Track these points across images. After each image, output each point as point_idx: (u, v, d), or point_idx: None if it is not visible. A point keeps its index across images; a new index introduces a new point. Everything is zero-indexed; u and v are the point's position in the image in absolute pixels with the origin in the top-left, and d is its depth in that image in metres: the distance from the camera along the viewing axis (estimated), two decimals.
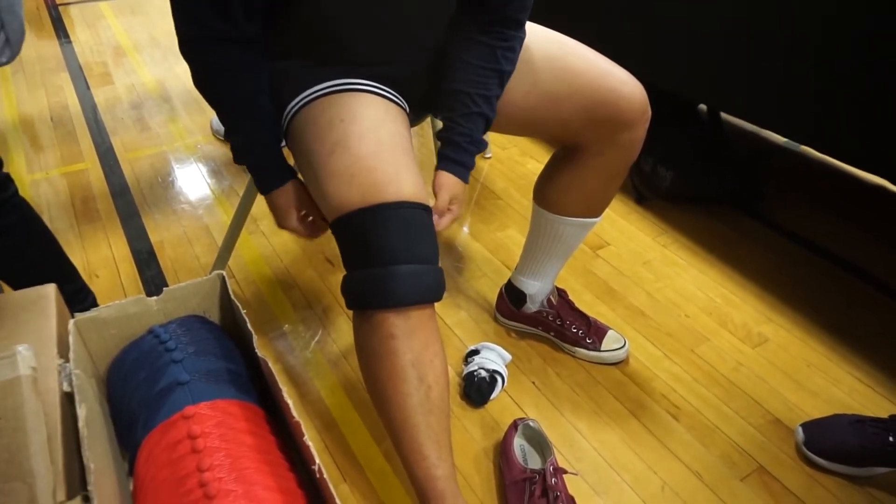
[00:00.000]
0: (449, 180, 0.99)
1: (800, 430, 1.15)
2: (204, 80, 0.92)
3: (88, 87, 2.42)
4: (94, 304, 1.27)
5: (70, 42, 2.85)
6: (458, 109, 0.99)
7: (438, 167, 1.00)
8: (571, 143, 1.11)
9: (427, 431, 0.84)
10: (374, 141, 0.85)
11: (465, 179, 1.01)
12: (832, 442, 1.11)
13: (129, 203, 1.77)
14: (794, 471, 1.11)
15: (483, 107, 0.98)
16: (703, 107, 1.93)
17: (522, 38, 1.01)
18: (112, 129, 2.13)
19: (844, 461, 1.09)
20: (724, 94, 1.49)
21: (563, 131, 1.07)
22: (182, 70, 2.60)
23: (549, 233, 1.20)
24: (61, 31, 2.99)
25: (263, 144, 0.95)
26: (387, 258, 0.82)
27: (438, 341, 0.87)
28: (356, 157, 0.84)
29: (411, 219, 0.83)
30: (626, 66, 1.04)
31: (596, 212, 1.17)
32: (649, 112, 1.06)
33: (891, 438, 1.05)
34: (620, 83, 1.02)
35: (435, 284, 0.85)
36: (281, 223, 0.99)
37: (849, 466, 1.10)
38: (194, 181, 1.88)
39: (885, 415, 1.12)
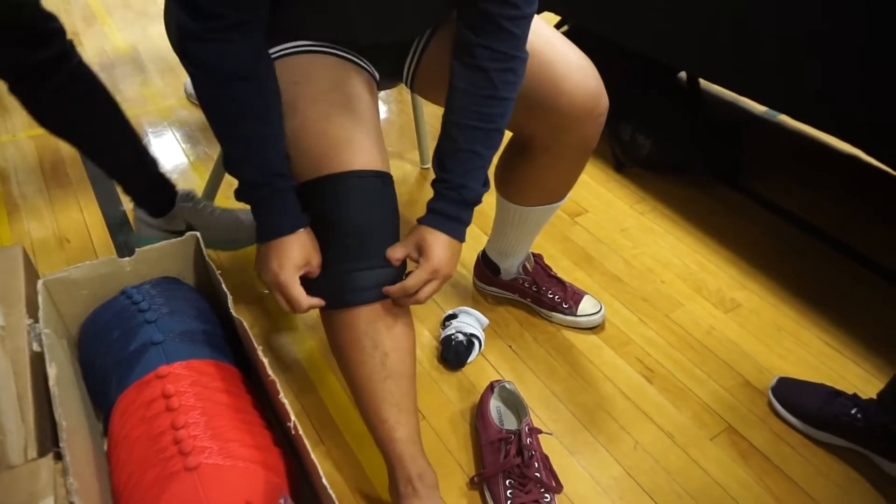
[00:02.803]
0: (420, 235, 0.85)
1: (776, 379, 1.19)
2: (210, 89, 0.78)
3: None
4: (158, 172, 1.27)
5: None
6: (445, 146, 0.86)
7: (418, 220, 0.87)
8: (519, 135, 1.04)
9: (384, 395, 0.84)
10: (328, 103, 0.82)
11: (446, 231, 0.85)
12: (798, 398, 1.14)
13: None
14: (761, 430, 1.14)
15: (472, 142, 0.84)
16: (682, 75, 1.93)
17: (524, 59, 0.86)
18: None
19: (801, 417, 1.13)
20: (707, 62, 1.48)
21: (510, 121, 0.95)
22: (155, 32, 2.52)
23: (515, 219, 1.18)
24: None
25: (278, 175, 0.80)
26: (343, 255, 0.80)
27: (401, 312, 0.87)
28: (305, 121, 0.81)
29: (364, 191, 0.80)
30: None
31: (558, 197, 1.14)
32: (603, 106, 0.97)
33: (853, 411, 1.07)
34: (567, 74, 0.92)
35: (391, 284, 0.83)
36: (278, 275, 0.80)
37: (805, 424, 1.13)
38: (169, 146, 1.84)
39: (855, 381, 1.16)
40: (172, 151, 1.82)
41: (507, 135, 1.05)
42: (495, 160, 1.09)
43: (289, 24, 0.87)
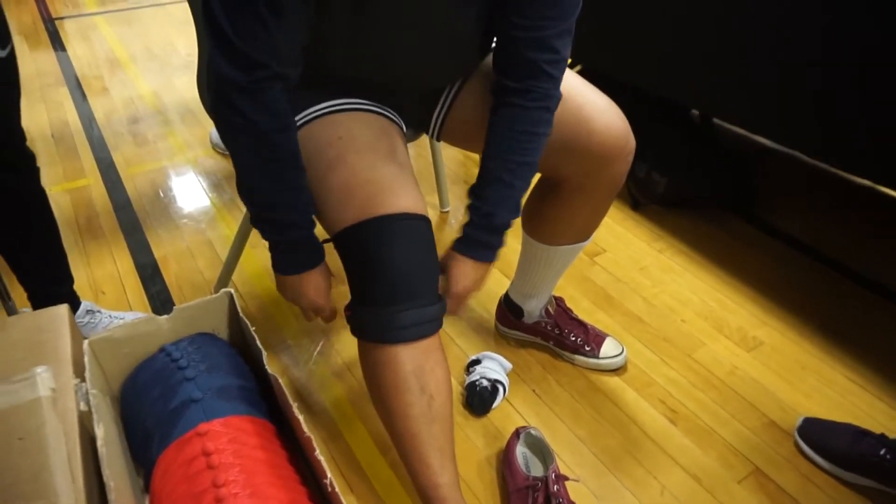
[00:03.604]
0: (446, 262, 0.94)
1: (802, 419, 1.19)
2: (251, 137, 0.83)
3: (87, 102, 2.45)
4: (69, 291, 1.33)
5: (67, 56, 2.87)
6: (480, 176, 0.93)
7: (459, 241, 0.95)
8: (552, 176, 1.09)
9: (430, 440, 0.87)
10: (372, 156, 0.87)
11: (474, 256, 0.94)
12: (825, 438, 1.14)
13: (131, 218, 1.79)
14: (789, 472, 1.15)
15: (503, 173, 0.91)
16: (695, 111, 1.97)
17: (558, 98, 0.93)
18: (113, 145, 2.16)
19: (829, 458, 1.13)
20: (716, 100, 1.52)
21: (542, 163, 1.02)
22: (179, 82, 2.62)
23: (541, 259, 1.21)
24: (58, 45, 3.01)
25: (302, 220, 0.88)
26: (389, 296, 0.83)
27: (440, 350, 0.90)
28: (354, 171, 0.86)
29: (410, 232, 0.84)
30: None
31: (585, 236, 1.18)
32: (631, 146, 1.03)
33: (882, 452, 1.07)
34: (596, 117, 0.98)
35: (436, 320, 0.88)
36: (300, 300, 0.95)
37: (833, 465, 1.13)
38: (195, 195, 1.91)
39: (881, 419, 1.16)
40: (199, 200, 1.88)
41: (536, 176, 1.11)
42: (523, 200, 1.15)
43: (330, 74, 0.93)
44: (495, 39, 0.93)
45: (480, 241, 0.94)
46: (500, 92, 0.93)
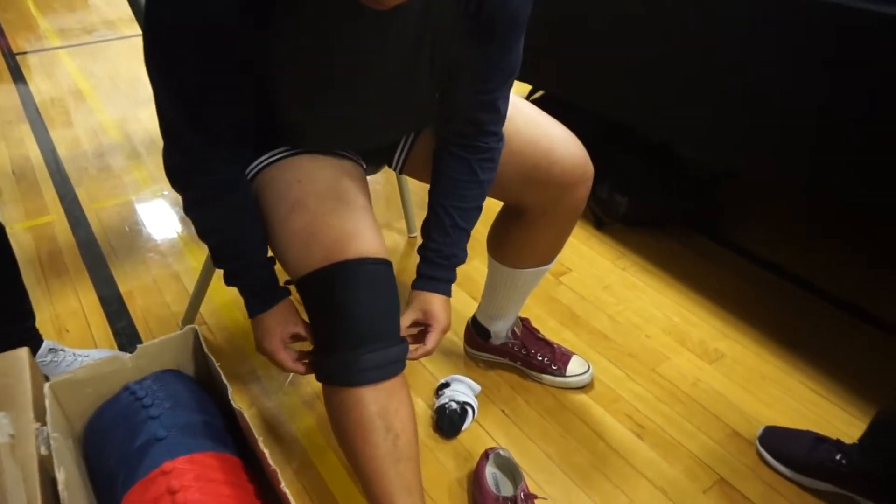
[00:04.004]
0: (425, 303, 0.98)
1: (762, 428, 1.23)
2: (194, 208, 0.90)
3: (50, 138, 2.43)
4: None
5: (29, 91, 2.85)
6: (433, 224, 0.99)
7: (412, 285, 1.00)
8: (514, 204, 1.13)
9: (397, 480, 0.86)
10: (333, 199, 0.89)
11: (443, 292, 0.99)
12: (784, 446, 1.18)
13: (96, 254, 1.78)
14: (752, 481, 1.17)
15: (457, 219, 0.98)
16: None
17: (501, 148, 0.99)
18: (76, 180, 2.14)
19: (789, 465, 1.17)
20: (674, 130, 1.57)
21: (502, 193, 1.09)
22: (144, 115, 2.62)
23: (507, 282, 1.24)
24: (20, 79, 2.99)
25: (260, 265, 0.93)
26: (353, 340, 0.85)
27: (404, 391, 0.90)
28: (315, 215, 0.87)
29: (373, 277, 0.86)
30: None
31: (549, 259, 1.21)
32: (590, 172, 1.07)
33: (838, 457, 1.11)
34: (555, 146, 1.03)
35: (399, 361, 0.89)
36: (262, 346, 0.93)
37: (793, 472, 1.16)
38: (162, 228, 1.90)
39: (840, 425, 1.20)
40: (165, 232, 1.87)
41: (498, 203, 1.18)
42: (488, 226, 1.23)
43: (289, 141, 0.96)
44: (438, 94, 0.96)
45: (446, 278, 1.00)
46: (444, 138, 0.99)
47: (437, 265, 0.99)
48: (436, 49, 0.84)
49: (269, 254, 0.95)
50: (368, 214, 0.92)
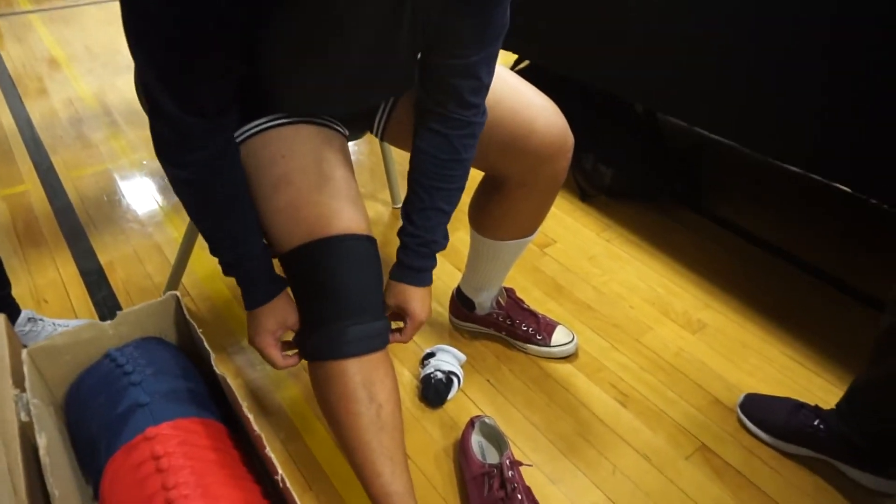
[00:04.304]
0: (400, 296, 0.96)
1: (743, 396, 1.25)
2: (185, 189, 0.85)
3: (23, 105, 2.36)
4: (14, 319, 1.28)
5: (0, 57, 2.76)
6: (413, 205, 0.95)
7: (390, 275, 0.97)
8: (494, 174, 1.11)
9: (380, 449, 0.86)
10: (316, 174, 0.88)
11: (422, 283, 0.96)
12: (764, 413, 1.20)
13: (74, 224, 1.74)
14: (733, 446, 1.19)
15: (437, 200, 0.94)
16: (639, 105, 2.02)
17: (482, 123, 0.94)
18: (52, 148, 2.09)
19: (769, 431, 1.19)
20: (661, 96, 1.56)
21: (481, 162, 1.06)
22: (122, 82, 2.55)
23: (489, 254, 1.23)
24: None
25: (254, 257, 0.89)
26: (337, 314, 0.84)
27: (388, 364, 0.90)
28: (299, 191, 0.86)
29: (357, 252, 0.86)
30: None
31: (531, 231, 1.20)
32: (570, 142, 1.05)
33: (816, 422, 1.13)
34: (535, 116, 1.01)
35: (383, 335, 0.89)
36: (254, 341, 0.91)
37: (773, 438, 1.18)
38: (142, 198, 1.86)
39: (818, 392, 1.22)
40: (146, 203, 1.84)
41: (479, 174, 1.14)
42: (469, 198, 1.19)
43: (268, 104, 0.92)
44: (419, 56, 0.93)
45: (425, 267, 0.97)
46: (423, 114, 0.94)
47: (416, 253, 0.95)
48: (417, 6, 0.82)
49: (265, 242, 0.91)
50: (352, 189, 0.91)
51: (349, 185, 0.91)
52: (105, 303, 1.48)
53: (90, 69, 2.67)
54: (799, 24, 1.20)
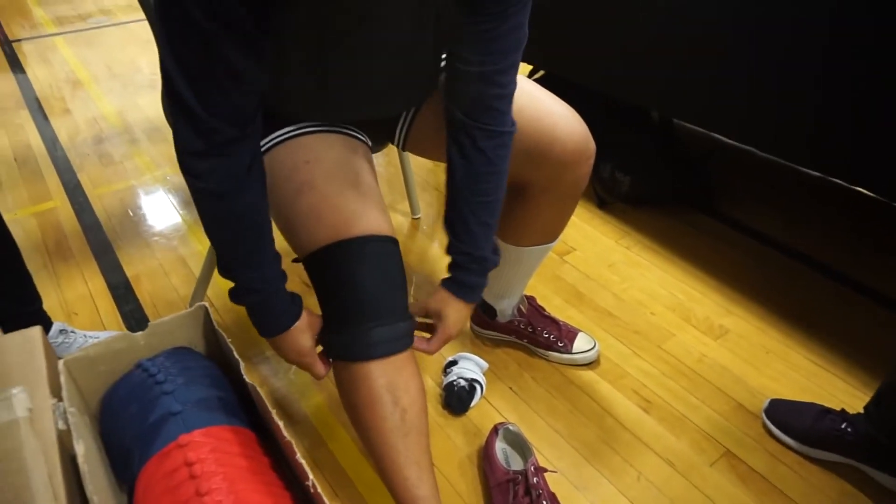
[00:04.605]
0: (440, 303, 0.98)
1: (768, 401, 1.24)
2: (207, 200, 0.83)
3: (50, 124, 2.42)
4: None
5: (27, 78, 2.83)
6: (458, 223, 0.96)
7: (441, 282, 1.00)
8: (517, 181, 1.11)
9: (405, 453, 0.87)
10: (340, 179, 0.89)
11: (467, 299, 0.98)
12: (790, 418, 1.19)
13: (101, 239, 1.78)
14: (758, 452, 1.19)
15: (481, 214, 0.95)
16: (654, 112, 2.03)
17: (512, 133, 0.94)
18: (78, 166, 2.14)
19: (795, 437, 1.18)
20: (671, 101, 1.57)
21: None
22: (143, 101, 2.61)
23: (511, 260, 1.24)
24: (17, 67, 2.97)
25: (275, 275, 0.88)
26: (361, 316, 0.85)
27: (413, 365, 0.91)
28: (323, 195, 0.88)
29: (380, 253, 0.87)
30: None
31: (553, 237, 1.21)
32: (591, 150, 1.07)
33: (843, 426, 1.12)
34: (556, 124, 1.02)
35: (407, 337, 0.90)
36: (298, 359, 0.93)
37: (799, 443, 1.18)
38: (166, 213, 1.90)
39: (842, 397, 1.21)
40: (170, 217, 1.88)
41: None
42: None
43: (290, 114, 0.95)
44: (444, 62, 0.94)
45: (475, 284, 0.99)
46: (455, 128, 0.94)
47: (468, 270, 0.98)
48: (440, 10, 0.84)
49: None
50: (375, 193, 0.92)
51: (373, 189, 0.92)
52: (132, 315, 1.51)
53: (112, 88, 2.74)
54: (832, 27, 1.21)
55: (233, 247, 0.86)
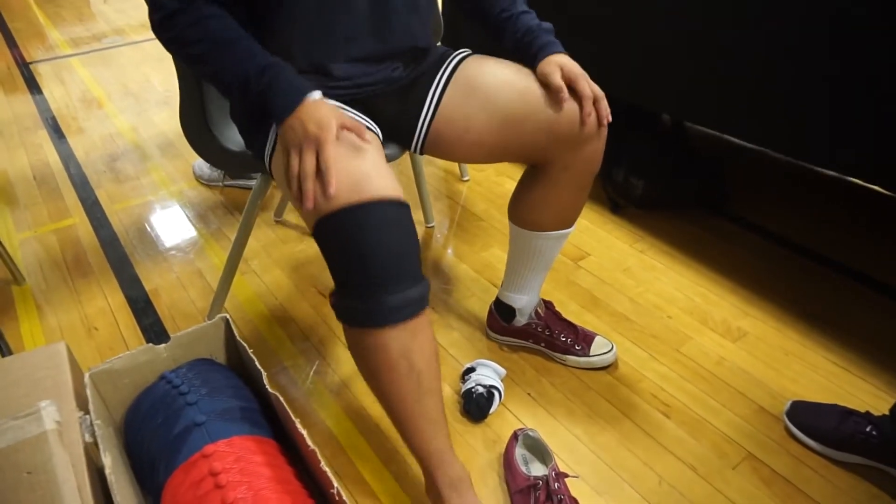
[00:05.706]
0: (548, 59, 1.07)
1: (790, 403, 1.23)
2: (187, 49, 0.90)
3: (67, 143, 2.46)
4: None
5: (44, 98, 2.89)
6: (509, 34, 1.11)
7: (535, 63, 1.09)
8: (539, 161, 1.15)
9: (420, 412, 0.93)
10: (347, 145, 0.89)
11: (559, 48, 1.10)
12: (813, 420, 1.18)
13: (120, 254, 1.81)
14: (781, 455, 1.18)
15: (514, 8, 1.11)
16: (665, 116, 2.03)
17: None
18: (96, 183, 2.17)
19: (818, 439, 1.17)
20: (684, 105, 1.57)
21: (528, 151, 1.11)
22: (158, 117, 2.65)
23: (529, 249, 1.26)
24: (34, 88, 3.03)
25: (275, 59, 0.91)
26: (374, 281, 0.84)
27: (427, 329, 0.92)
28: (334, 158, 0.87)
29: (392, 217, 0.86)
30: (593, 81, 1.11)
31: (569, 222, 1.23)
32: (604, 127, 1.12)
33: (868, 428, 1.11)
34: (566, 98, 1.07)
35: (422, 300, 0.89)
36: (333, 121, 0.87)
37: (822, 446, 1.17)
38: (182, 227, 1.92)
39: (864, 397, 1.20)
40: (186, 231, 1.90)
41: (515, 176, 1.19)
42: (510, 192, 1.26)
43: (294, 53, 1.00)
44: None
45: (552, 39, 1.10)
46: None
47: (538, 32, 1.09)
48: None
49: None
50: (383, 160, 0.93)
51: (381, 156, 0.92)
52: (152, 328, 1.53)
53: (127, 106, 2.78)
54: (846, 25, 1.21)
55: (224, 53, 0.90)
